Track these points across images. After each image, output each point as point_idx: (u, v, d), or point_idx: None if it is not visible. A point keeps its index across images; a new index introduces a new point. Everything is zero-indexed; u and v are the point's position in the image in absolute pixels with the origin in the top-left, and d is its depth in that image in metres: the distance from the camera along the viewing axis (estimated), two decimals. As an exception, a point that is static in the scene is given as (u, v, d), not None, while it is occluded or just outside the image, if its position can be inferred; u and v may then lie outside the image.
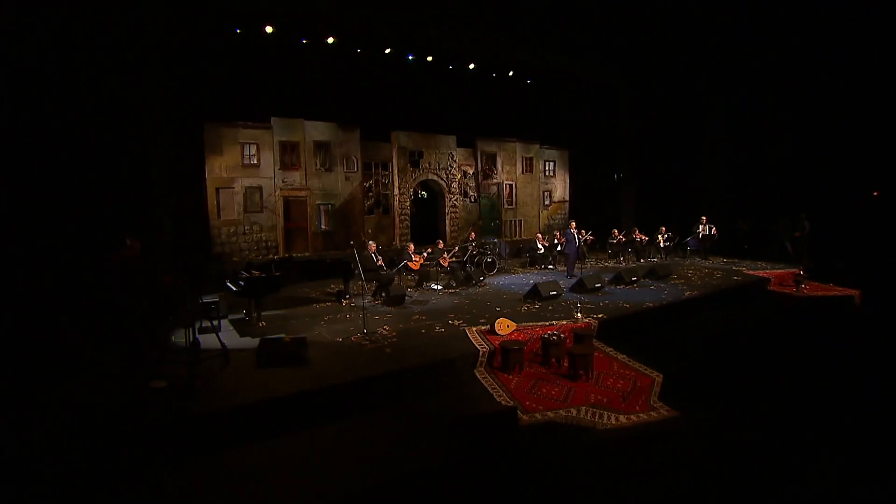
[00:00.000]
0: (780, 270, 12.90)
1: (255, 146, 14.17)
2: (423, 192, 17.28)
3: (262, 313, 9.20)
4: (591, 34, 16.46)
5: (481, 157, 18.57)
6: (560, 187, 21.05)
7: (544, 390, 5.88)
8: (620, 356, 7.11)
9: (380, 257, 10.58)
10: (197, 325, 8.38)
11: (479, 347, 6.67)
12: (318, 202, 15.22)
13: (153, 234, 11.13)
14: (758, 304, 10.65)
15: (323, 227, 15.31)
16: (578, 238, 12.69)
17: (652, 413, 5.66)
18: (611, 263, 15.15)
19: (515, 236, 19.39)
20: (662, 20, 15.92)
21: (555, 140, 20.60)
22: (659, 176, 18.76)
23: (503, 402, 5.53)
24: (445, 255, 12.52)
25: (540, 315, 8.56)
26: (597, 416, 5.40)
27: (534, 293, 9.84)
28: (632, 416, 5.54)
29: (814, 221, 14.16)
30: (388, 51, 15.31)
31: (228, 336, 7.78)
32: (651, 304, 9.26)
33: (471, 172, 18.49)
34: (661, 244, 15.75)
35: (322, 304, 9.98)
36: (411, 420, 5.11)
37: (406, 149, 16.52)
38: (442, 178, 17.38)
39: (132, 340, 5.47)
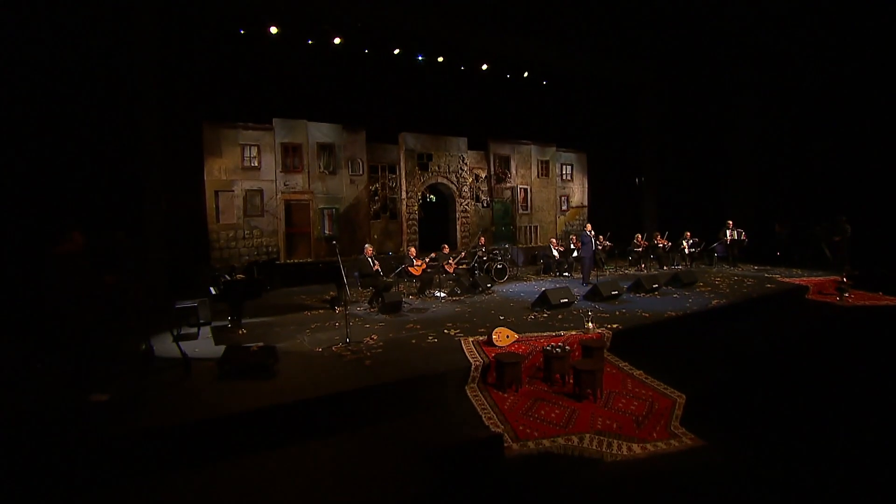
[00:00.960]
0: (818, 278, 11.72)
1: (255, 148, 13.68)
2: (432, 196, 16.54)
3: (250, 320, 8.63)
4: (611, 31, 15.64)
5: (494, 160, 17.78)
6: (578, 192, 20.08)
7: (542, 412, 4.99)
8: (636, 372, 6.17)
9: (377, 262, 9.84)
10: (174, 332, 7.87)
11: (472, 360, 5.85)
12: (321, 206, 14.63)
13: (144, 235, 10.75)
14: (795, 314, 9.54)
15: (326, 232, 14.69)
16: (595, 242, 11.74)
17: (672, 441, 4.74)
18: (631, 271, 14.13)
19: (530, 243, 18.49)
20: (685, 13, 15.01)
21: (572, 142, 19.68)
22: (683, 179, 17.65)
23: (492, 427, 4.67)
24: (451, 261, 11.76)
25: (547, 325, 7.70)
26: (604, 445, 4.51)
27: (542, 301, 8.97)
28: (647, 446, 4.63)
29: (855, 224, 12.92)
30: (396, 51, 14.77)
31: (204, 344, 7.17)
32: (673, 314, 8.29)
33: (483, 176, 17.71)
34: (687, 250, 14.67)
35: (314, 312, 9.29)
36: (377, 446, 4.30)
37: (414, 151, 15.85)
38: (452, 182, 16.64)
39: (70, 347, 4.82)
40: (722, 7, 15.06)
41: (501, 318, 8.23)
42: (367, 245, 10.09)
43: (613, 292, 9.70)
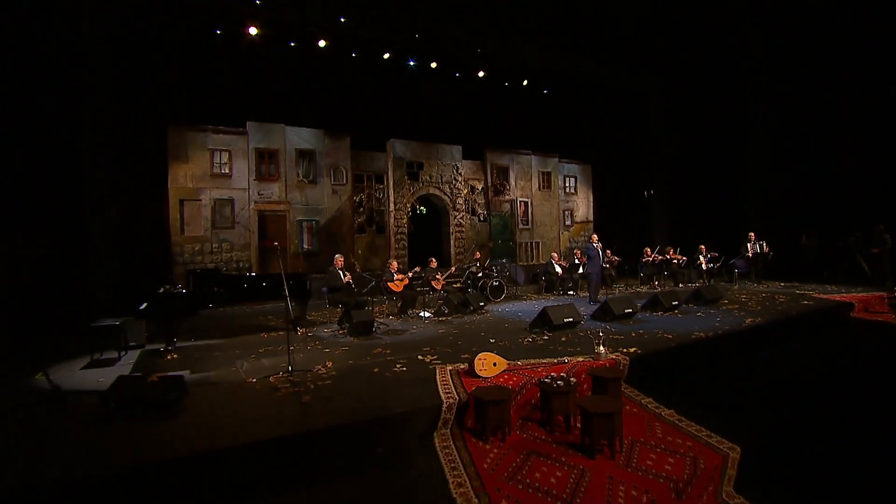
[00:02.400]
0: (860, 294, 10.19)
1: (226, 153, 12.46)
2: (422, 208, 15.21)
3: (192, 343, 7.26)
4: (616, 35, 14.52)
5: (491, 171, 16.51)
6: (583, 206, 18.72)
7: (537, 475, 3.47)
8: (665, 412, 4.64)
9: (348, 273, 8.42)
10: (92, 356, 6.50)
11: (444, 397, 4.36)
12: (299, 218, 13.31)
13: (83, 245, 9.42)
14: (846, 335, 8.01)
15: (305, 246, 13.33)
16: (602, 255, 10.29)
17: (728, 520, 3.23)
18: (644, 289, 12.62)
19: (532, 260, 17.06)
20: (693, 15, 13.89)
21: (576, 153, 18.44)
22: (696, 190, 16.25)
23: (460, 500, 3.17)
24: (439, 277, 10.33)
25: (547, 349, 6.21)
26: (630, 530, 3.00)
27: (542, 320, 7.49)
28: (693, 527, 3.12)
29: (896, 234, 11.47)
30: (386, 56, 13.69)
31: (121, 371, 5.69)
32: (702, 335, 6.78)
33: (479, 187, 16.42)
34: (704, 266, 13.18)
35: (272, 334, 7.85)
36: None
37: (403, 159, 14.59)
38: (445, 193, 15.33)
39: None
40: (732, 7, 13.99)
41: (492, 340, 6.76)
42: (337, 255, 8.67)
43: (627, 311, 8.21)
